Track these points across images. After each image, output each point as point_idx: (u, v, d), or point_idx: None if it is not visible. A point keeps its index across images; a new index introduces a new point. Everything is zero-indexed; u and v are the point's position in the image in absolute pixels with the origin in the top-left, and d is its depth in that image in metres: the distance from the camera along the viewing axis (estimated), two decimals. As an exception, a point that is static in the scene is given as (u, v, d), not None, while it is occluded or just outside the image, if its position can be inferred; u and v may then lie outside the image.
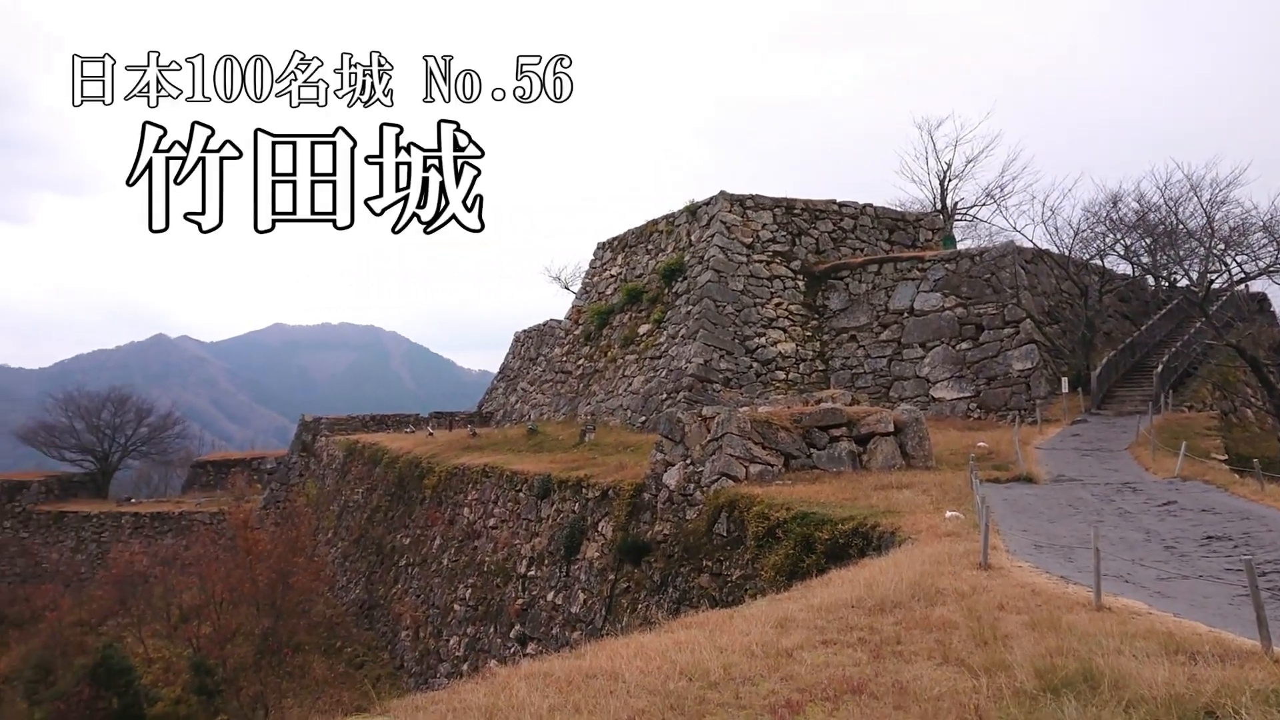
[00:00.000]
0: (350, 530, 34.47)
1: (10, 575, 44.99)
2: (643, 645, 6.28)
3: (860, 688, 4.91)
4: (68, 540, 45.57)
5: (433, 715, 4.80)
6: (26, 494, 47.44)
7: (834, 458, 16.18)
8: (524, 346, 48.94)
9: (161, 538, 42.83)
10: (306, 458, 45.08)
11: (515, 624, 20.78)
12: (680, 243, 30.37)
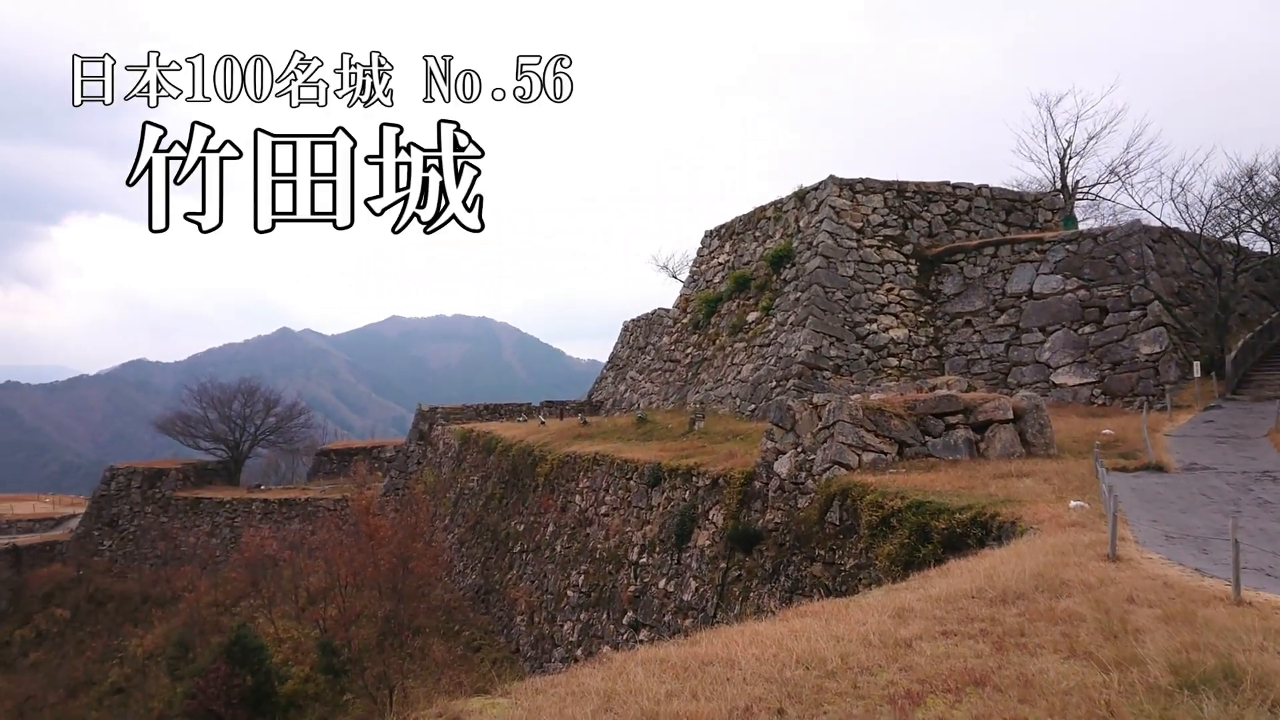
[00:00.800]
0: (466, 517, 35.29)
1: (153, 557, 47.61)
2: (757, 633, 6.27)
3: (983, 680, 4.80)
4: (203, 525, 47.91)
5: (552, 698, 4.88)
6: (166, 481, 50.04)
7: (950, 446, 15.80)
8: (632, 335, 49.23)
9: (289, 523, 44.65)
10: (424, 446, 46.30)
11: (628, 610, 20.97)
12: (788, 229, 30.05)
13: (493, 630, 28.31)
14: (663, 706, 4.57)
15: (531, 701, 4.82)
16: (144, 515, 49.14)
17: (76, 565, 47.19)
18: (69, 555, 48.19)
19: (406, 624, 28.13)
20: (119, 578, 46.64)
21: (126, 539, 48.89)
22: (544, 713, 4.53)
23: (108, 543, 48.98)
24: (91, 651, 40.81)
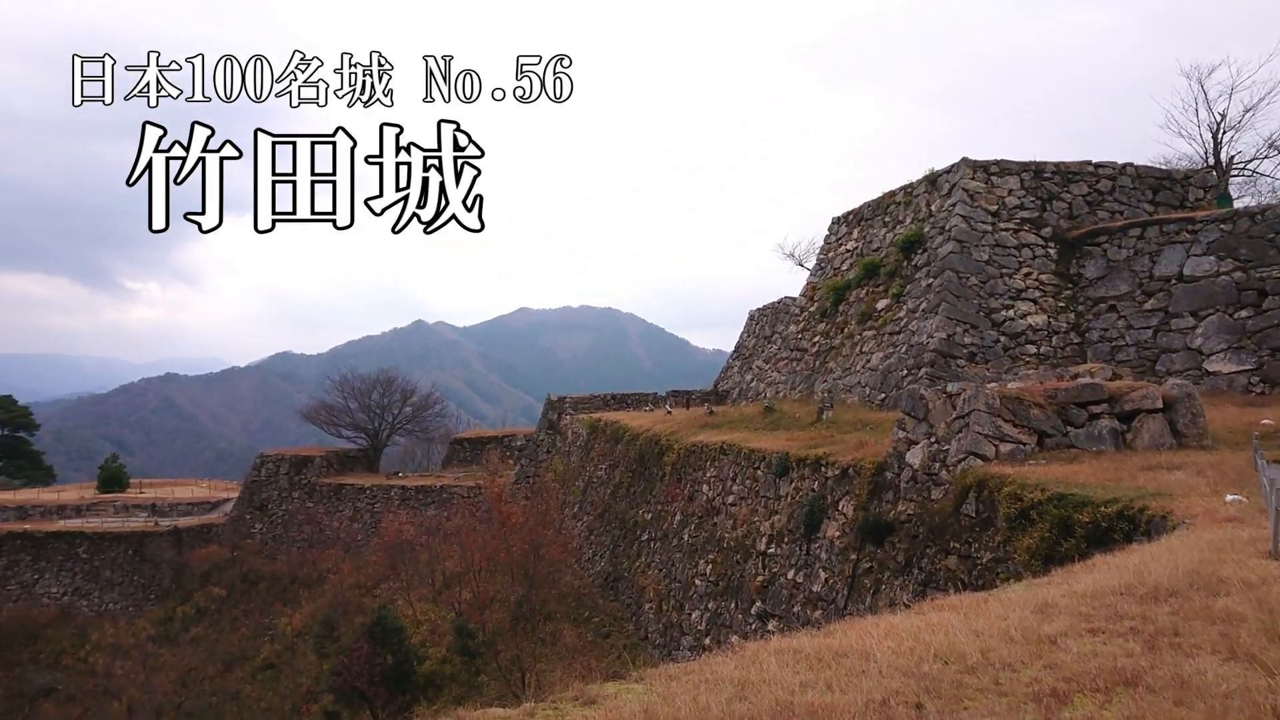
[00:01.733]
0: (594, 505, 35.77)
1: (300, 540, 49.96)
2: (892, 625, 6.16)
3: (1134, 680, 4.60)
4: (346, 510, 50.00)
5: (685, 685, 4.91)
6: (311, 468, 52.40)
7: (1093, 436, 15.15)
8: (758, 324, 48.91)
9: (425, 509, 46.16)
10: (553, 435, 47.12)
11: (756, 600, 20.90)
12: (919, 213, 29.30)
13: (621, 617, 28.64)
14: (797, 697, 4.55)
15: (666, 688, 4.86)
16: (291, 500, 51.58)
17: (231, 547, 49.95)
18: (224, 537, 51.02)
19: (538, 609, 28.75)
20: (269, 559, 49.15)
21: (275, 522, 51.45)
22: (678, 699, 4.56)
23: (259, 526, 51.64)
24: (245, 629, 43.16)
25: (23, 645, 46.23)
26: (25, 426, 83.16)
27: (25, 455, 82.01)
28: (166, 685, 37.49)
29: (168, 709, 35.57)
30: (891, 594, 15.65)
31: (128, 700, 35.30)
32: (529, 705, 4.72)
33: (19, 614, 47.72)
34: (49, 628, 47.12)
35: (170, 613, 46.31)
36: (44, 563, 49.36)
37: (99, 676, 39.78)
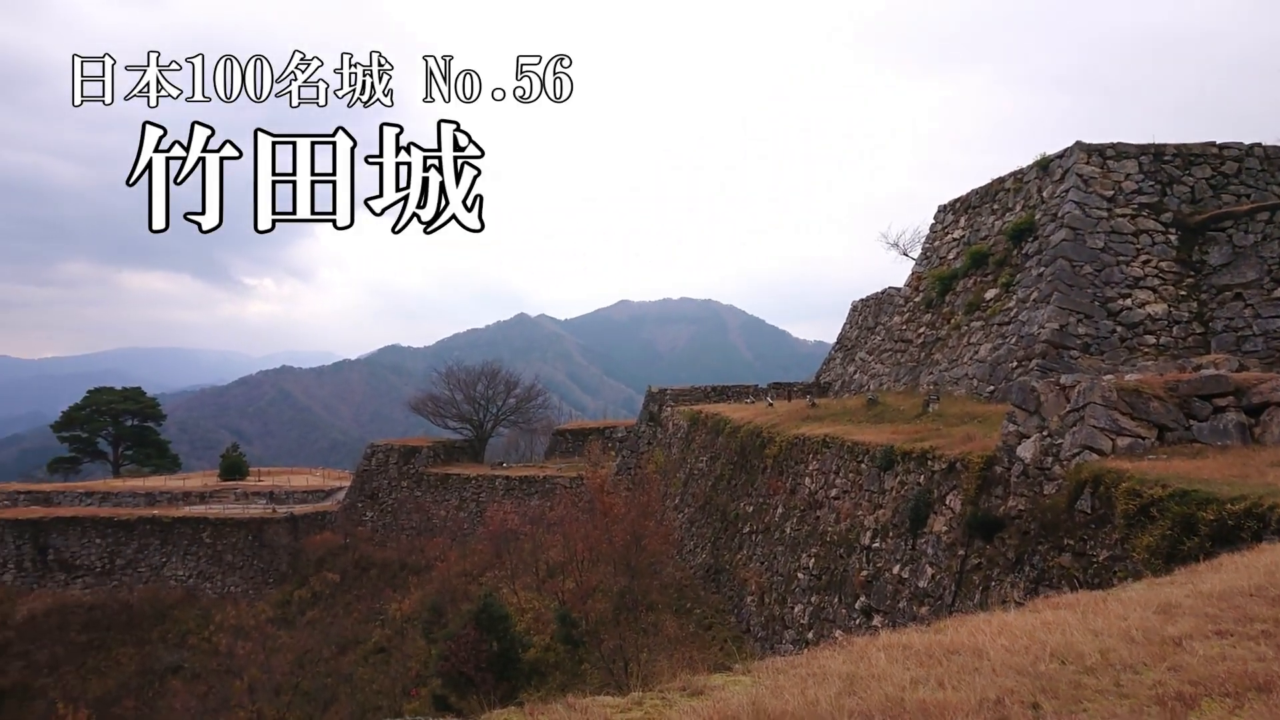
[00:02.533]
0: (695, 497, 35.80)
1: (409, 528, 51.34)
2: (1005, 623, 6.02)
3: (1268, 685, 4.40)
4: (452, 499, 51.14)
5: (793, 679, 4.90)
6: (419, 458, 53.74)
7: (1218, 430, 14.49)
8: (861, 316, 48.18)
9: (529, 499, 46.88)
10: (653, 427, 47.31)
11: (860, 595, 20.65)
12: (1030, 200, 28.42)
13: (723, 609, 28.63)
14: (908, 693, 4.49)
15: (773, 681, 4.85)
16: (400, 489, 53.02)
17: (344, 534, 51.63)
18: (337, 524, 52.76)
19: (640, 599, 28.95)
20: (380, 546, 50.64)
21: (385, 511, 52.95)
22: (786, 693, 4.55)
23: (370, 514, 53.23)
24: (357, 613, 44.58)
25: (153, 624, 48.72)
26: (153, 417, 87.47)
27: (153, 444, 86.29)
28: (284, 665, 38.98)
29: (286, 689, 37.00)
30: (1002, 591, 15.26)
31: (249, 679, 36.84)
32: (637, 694, 4.77)
33: (149, 595, 50.30)
34: (176, 608, 49.53)
35: (288, 596, 48.13)
36: (171, 546, 51.86)
37: (222, 656, 41.66)
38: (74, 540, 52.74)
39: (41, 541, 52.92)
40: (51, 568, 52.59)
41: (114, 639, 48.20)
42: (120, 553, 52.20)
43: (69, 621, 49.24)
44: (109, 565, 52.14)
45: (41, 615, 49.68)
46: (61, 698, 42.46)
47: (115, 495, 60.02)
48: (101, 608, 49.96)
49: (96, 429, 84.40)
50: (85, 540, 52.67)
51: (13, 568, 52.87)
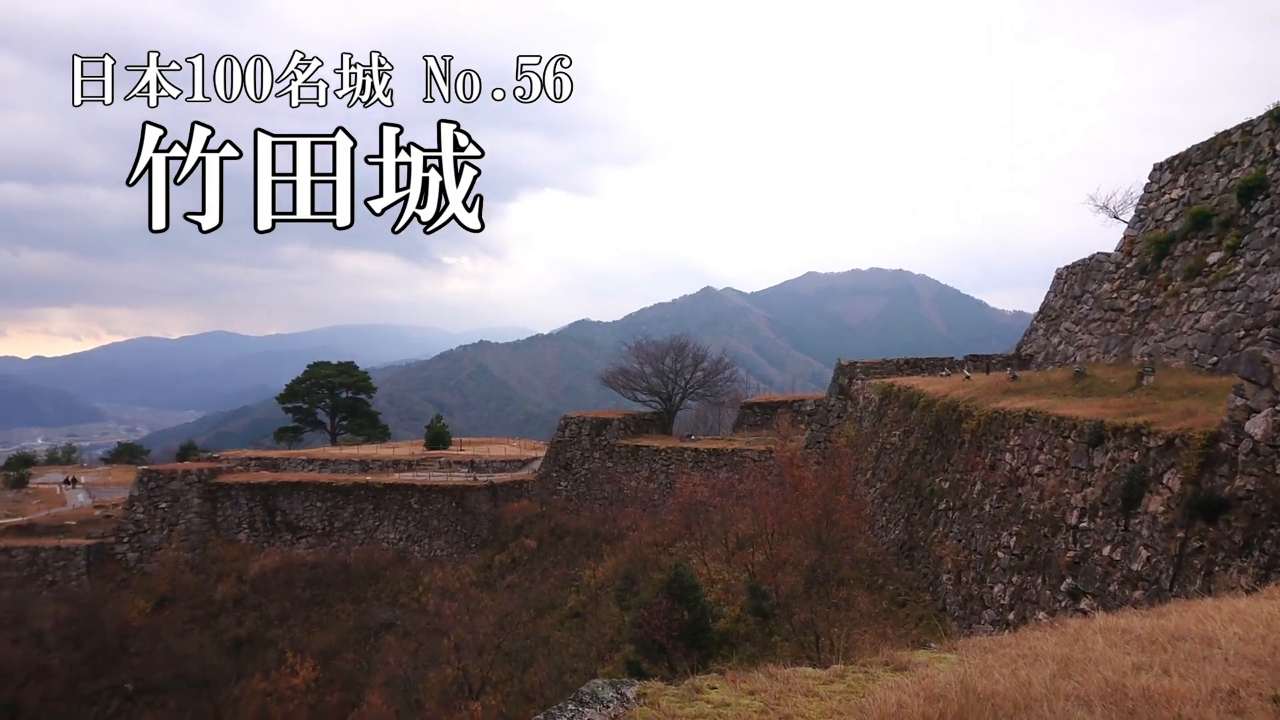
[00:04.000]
0: (888, 472, 35.04)
1: (601, 498, 52.72)
2: (1238, 610, 5.61)
3: None
4: (642, 470, 52.09)
5: (1001, 659, 4.74)
6: (610, 430, 54.99)
7: None
8: (1066, 284, 45.62)
9: (717, 471, 47.16)
10: (843, 400, 46.53)
11: (1065, 577, 19.69)
12: (1260, 155, 26.02)
13: (917, 586, 27.96)
14: (1129, 679, 4.26)
15: (981, 660, 4.72)
16: (592, 460, 54.45)
17: (540, 502, 53.59)
18: (534, 493, 54.81)
19: (831, 574, 28.67)
20: (573, 515, 52.27)
21: (579, 481, 54.55)
22: (996, 673, 4.41)
23: (563, 484, 54.97)
24: (554, 578, 46.24)
25: (368, 583, 52.22)
26: (365, 390, 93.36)
27: (365, 415, 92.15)
28: (487, 626, 40.93)
29: (488, 648, 38.86)
30: (1228, 578, 14.20)
31: (455, 638, 38.92)
32: (838, 667, 4.75)
33: (364, 556, 53.93)
34: (388, 569, 52.88)
35: (489, 561, 50.45)
36: (383, 511, 55.31)
37: (430, 615, 44.20)
38: (298, 504, 57.11)
39: (270, 504, 57.61)
40: (279, 528, 57.18)
41: (334, 596, 52.01)
42: (338, 516, 56.14)
43: (295, 578, 53.46)
44: (328, 527, 56.19)
45: (271, 572, 54.16)
46: (290, 648, 46.27)
47: (333, 462, 64.57)
48: (322, 566, 53.97)
49: (315, 401, 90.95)
50: (308, 504, 56.95)
51: (246, 528, 57.82)
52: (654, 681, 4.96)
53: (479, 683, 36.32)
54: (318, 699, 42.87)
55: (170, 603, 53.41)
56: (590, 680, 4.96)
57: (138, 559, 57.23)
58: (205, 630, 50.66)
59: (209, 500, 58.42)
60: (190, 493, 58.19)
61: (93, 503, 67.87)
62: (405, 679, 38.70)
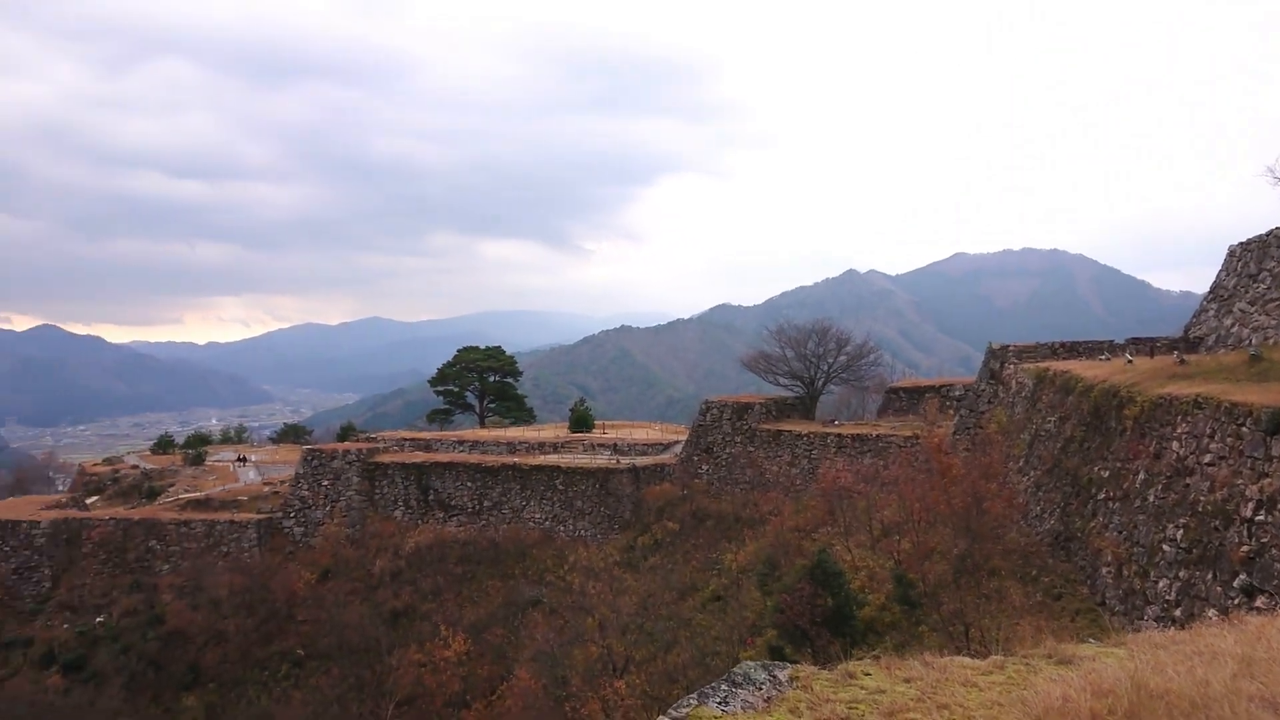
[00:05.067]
0: (1042, 459, 33.74)
1: (742, 483, 52.67)
2: None
3: None
4: (784, 455, 51.75)
5: (1175, 655, 4.54)
6: (751, 414, 54.82)
7: None
8: (1240, 261, 42.75)
9: (862, 457, 46.41)
10: (994, 385, 45.01)
11: (1239, 572, 18.57)
12: None
13: (1073, 579, 26.86)
14: (1319, 681, 4.02)
15: (1152, 656, 4.53)
16: (734, 444, 54.41)
17: (681, 485, 53.95)
18: (675, 476, 55.20)
19: (981, 564, 27.87)
20: (714, 498, 52.41)
21: (720, 465, 54.63)
22: (1169, 670, 4.23)
23: (705, 467, 55.15)
24: (695, 561, 46.53)
25: (515, 561, 53.78)
26: (512, 373, 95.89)
27: (512, 398, 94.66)
28: (630, 606, 41.56)
29: (631, 628, 39.47)
30: None
31: (599, 617, 39.68)
32: (997, 658, 4.65)
33: (512, 534, 55.55)
34: (534, 548, 54.32)
35: (631, 542, 51.16)
36: (529, 491, 56.78)
37: (575, 594, 45.18)
38: (449, 483, 59.23)
39: (424, 483, 59.94)
40: (432, 506, 59.45)
41: (483, 572, 53.79)
42: (487, 495, 57.95)
43: (447, 555, 55.54)
44: (478, 506, 58.07)
45: (425, 548, 56.42)
46: (442, 621, 48.12)
47: (482, 444, 66.64)
48: (473, 544, 55.87)
49: (465, 384, 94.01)
50: (458, 483, 59.00)
51: (401, 505, 60.34)
52: (806, 665, 4.97)
53: (623, 661, 36.95)
54: (469, 671, 44.49)
55: (333, 575, 56.33)
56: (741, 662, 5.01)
57: (303, 533, 60.57)
58: (365, 602, 53.23)
59: (367, 479, 61.24)
60: (350, 471, 61.14)
61: (262, 480, 72.15)
62: (552, 655, 39.72)
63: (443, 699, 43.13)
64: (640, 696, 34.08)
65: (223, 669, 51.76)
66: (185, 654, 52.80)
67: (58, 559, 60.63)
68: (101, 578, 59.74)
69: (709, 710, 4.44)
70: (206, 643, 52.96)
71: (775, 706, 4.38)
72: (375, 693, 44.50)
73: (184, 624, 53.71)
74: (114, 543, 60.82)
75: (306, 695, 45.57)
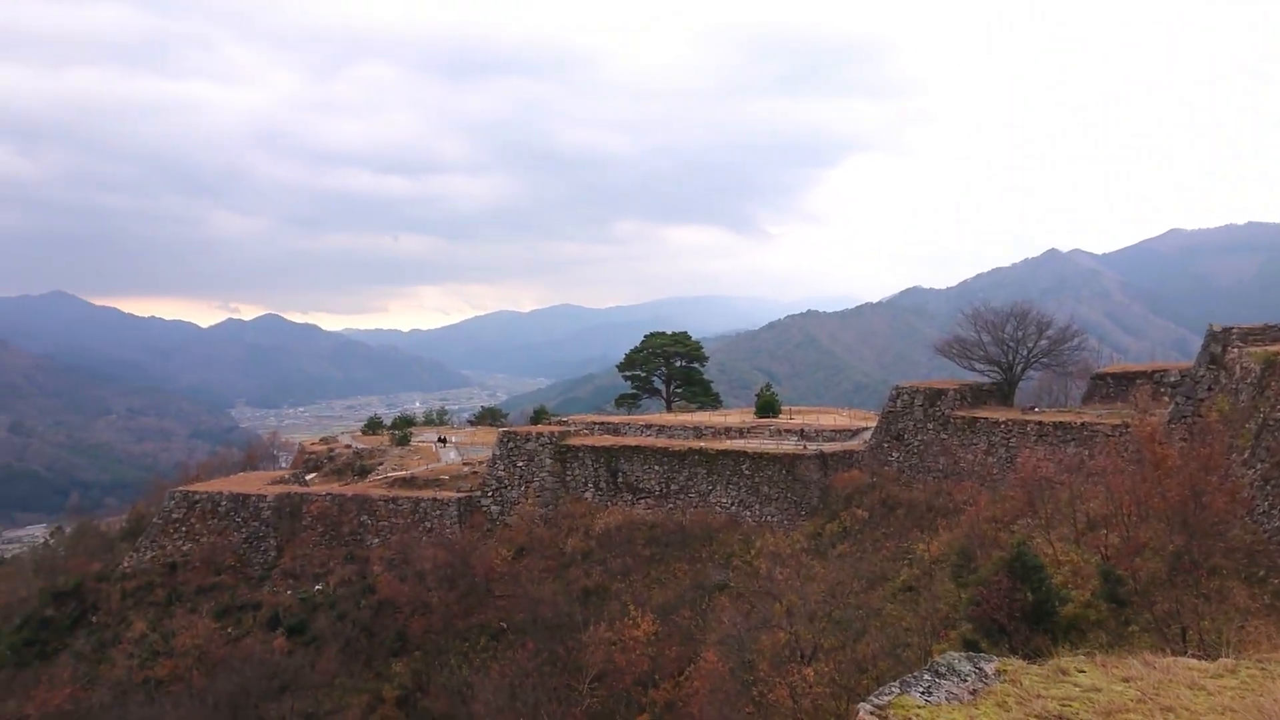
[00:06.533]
0: (1271, 451, 31.10)
1: (935, 471, 51.13)
2: None
3: None
4: (979, 443, 49.86)
5: None
6: (944, 400, 53.08)
7: None
8: None
9: (1064, 446, 44.14)
10: (1215, 371, 41.74)
11: None
12: None
13: (1311, 582, 24.68)
14: None
15: None
16: (926, 431, 52.86)
17: (870, 473, 52.90)
18: (864, 463, 54.19)
19: (1200, 562, 26.02)
20: (905, 487, 51.11)
21: (911, 452, 53.20)
22: None
23: (895, 455, 53.86)
24: (885, 550, 45.59)
25: (702, 545, 54.28)
26: (698, 358, 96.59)
27: (698, 383, 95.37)
28: (817, 594, 41.16)
29: (820, 616, 39.10)
30: None
31: (787, 603, 39.51)
32: (1228, 661, 4.40)
33: (699, 518, 56.08)
34: (721, 532, 54.63)
35: (819, 529, 50.63)
36: (715, 476, 57.11)
37: (762, 579, 45.13)
38: (637, 466, 60.34)
39: (613, 466, 61.31)
40: (620, 489, 60.74)
41: (671, 555, 54.56)
42: (674, 479, 58.68)
43: (635, 536, 56.65)
44: (665, 489, 58.90)
45: (614, 529, 57.77)
46: (631, 601, 49.15)
47: (668, 428, 67.51)
48: (660, 526, 56.75)
49: (652, 368, 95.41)
50: (646, 466, 60.02)
51: (591, 487, 61.96)
52: (1014, 659, 4.84)
53: (811, 648, 36.69)
54: (657, 651, 45.27)
55: (527, 553, 58.55)
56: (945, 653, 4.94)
57: (499, 512, 63.21)
58: (557, 580, 55.07)
59: (559, 460, 63.22)
60: (543, 453, 63.29)
61: (461, 460, 75.72)
62: (739, 639, 39.90)
63: (632, 677, 44.10)
64: (828, 685, 33.75)
65: (427, 638, 54.79)
66: (394, 622, 56.22)
67: (282, 530, 65.84)
68: (320, 549, 64.44)
69: (911, 699, 4.41)
70: (413, 613, 56.18)
71: (982, 700, 4.29)
72: (568, 668, 46.00)
73: (393, 594, 57.18)
74: (330, 517, 65.46)
75: (504, 667, 47.57)
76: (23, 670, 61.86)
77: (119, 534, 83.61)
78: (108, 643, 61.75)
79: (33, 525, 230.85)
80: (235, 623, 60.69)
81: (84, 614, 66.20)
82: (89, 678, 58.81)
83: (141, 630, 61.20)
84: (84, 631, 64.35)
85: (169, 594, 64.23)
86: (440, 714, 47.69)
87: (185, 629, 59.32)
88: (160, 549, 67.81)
